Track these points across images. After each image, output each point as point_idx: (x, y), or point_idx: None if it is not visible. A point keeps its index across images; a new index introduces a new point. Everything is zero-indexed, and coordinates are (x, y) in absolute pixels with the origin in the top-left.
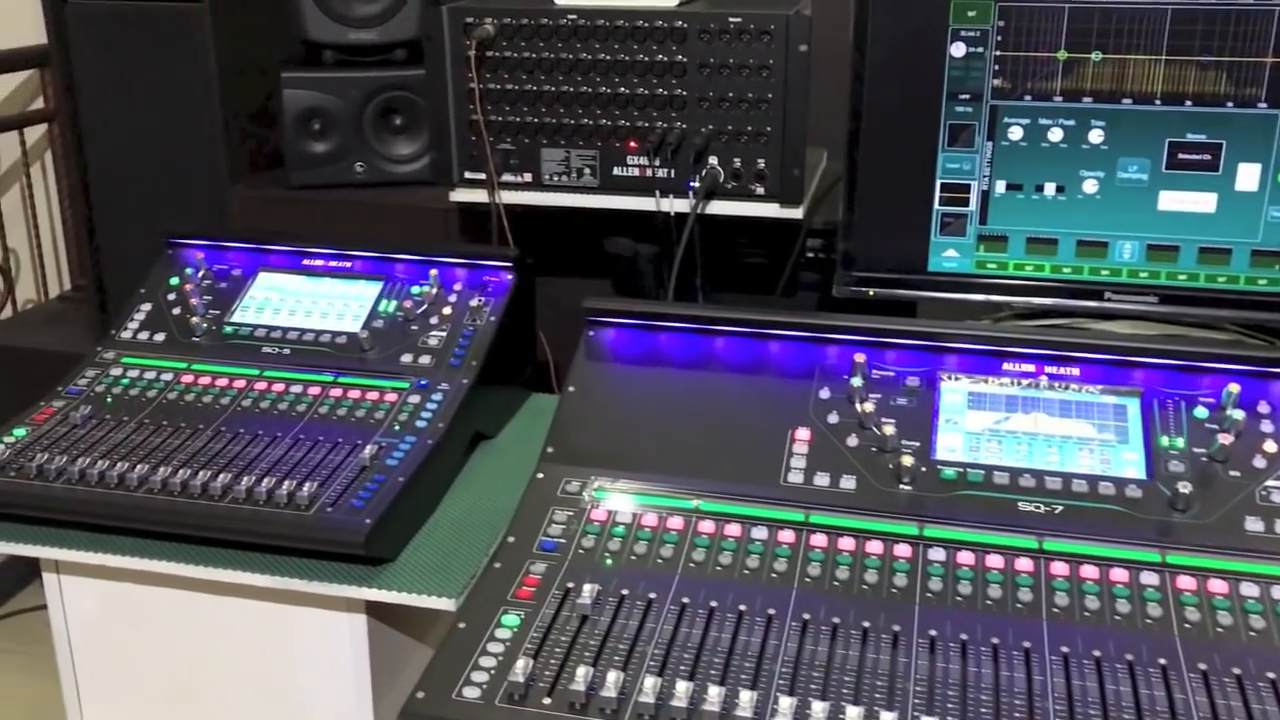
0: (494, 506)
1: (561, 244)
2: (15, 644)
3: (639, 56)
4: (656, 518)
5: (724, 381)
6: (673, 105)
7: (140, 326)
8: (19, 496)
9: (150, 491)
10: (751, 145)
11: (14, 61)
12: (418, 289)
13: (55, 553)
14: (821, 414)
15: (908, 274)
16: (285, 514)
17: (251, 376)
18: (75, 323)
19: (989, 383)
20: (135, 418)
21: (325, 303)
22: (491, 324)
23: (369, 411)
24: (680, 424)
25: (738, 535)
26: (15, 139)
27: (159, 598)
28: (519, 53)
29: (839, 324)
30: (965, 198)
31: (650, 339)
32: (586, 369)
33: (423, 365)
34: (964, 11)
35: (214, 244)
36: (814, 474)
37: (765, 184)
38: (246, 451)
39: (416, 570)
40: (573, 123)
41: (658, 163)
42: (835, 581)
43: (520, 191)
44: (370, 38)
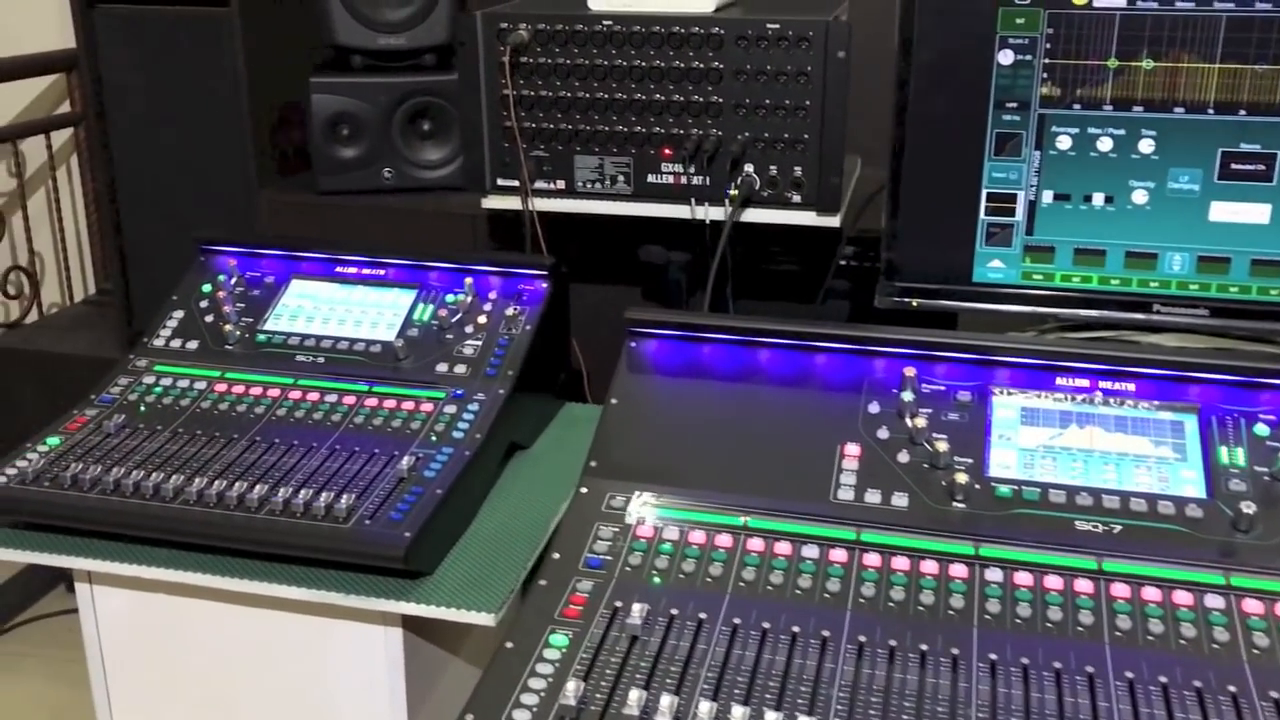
0: (531, 519)
1: (592, 251)
2: (38, 648)
3: (675, 63)
4: (704, 535)
5: (769, 395)
6: (708, 112)
7: (173, 334)
8: (53, 507)
9: (186, 503)
10: (788, 152)
11: (41, 66)
12: (452, 297)
13: (89, 564)
14: (871, 429)
15: (952, 284)
16: (323, 526)
17: (285, 385)
18: (101, 327)
19: (1042, 398)
20: (169, 427)
21: (359, 311)
22: (527, 333)
23: (405, 422)
24: (725, 438)
25: (788, 554)
26: (41, 142)
27: (191, 608)
28: (553, 59)
29: (887, 336)
30: (1011, 208)
31: (693, 350)
32: (629, 381)
33: (458, 375)
34: (1012, 19)
35: (247, 250)
36: (865, 491)
37: (802, 192)
38: (282, 462)
39: (454, 584)
40: (607, 129)
41: (692, 170)
42: (890, 602)
43: (553, 199)
44: (399, 43)
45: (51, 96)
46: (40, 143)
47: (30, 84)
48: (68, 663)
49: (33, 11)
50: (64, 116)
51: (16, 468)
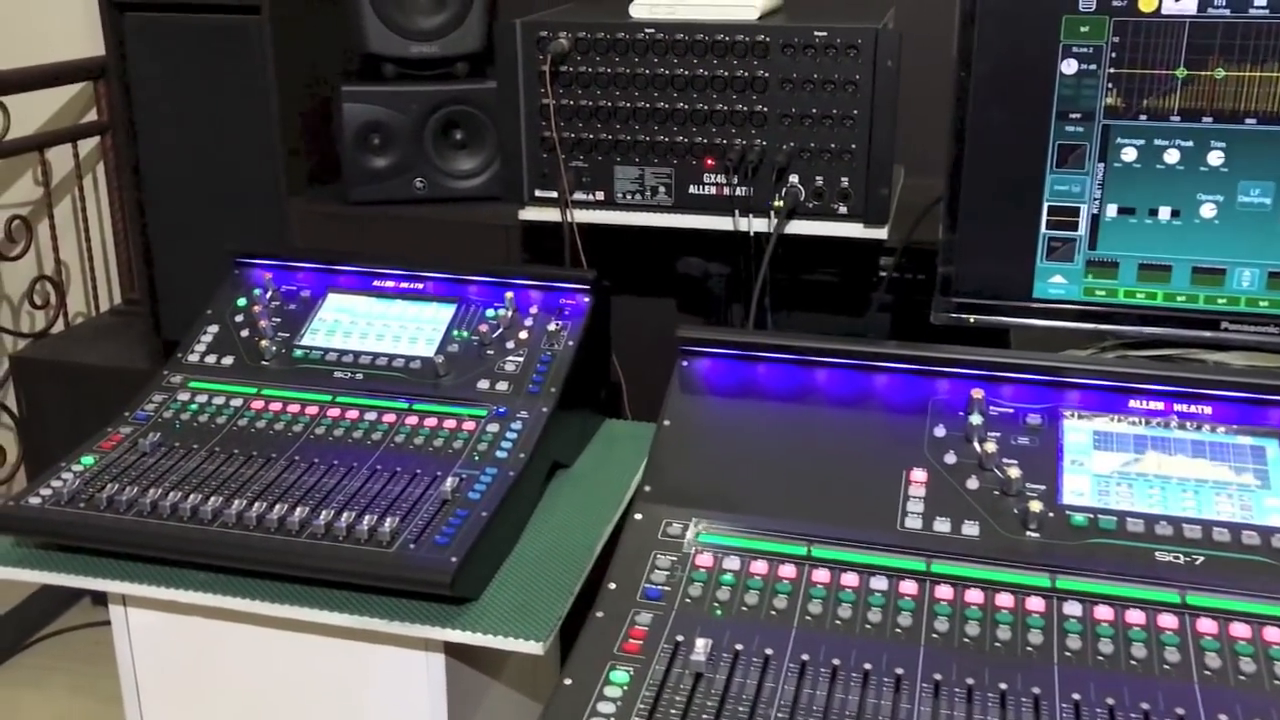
0: (575, 542)
1: (627, 262)
2: (63, 662)
3: (719, 71)
4: (766, 565)
5: (827, 416)
6: (753, 121)
7: (207, 349)
8: (89, 529)
9: (225, 525)
10: (835, 163)
11: (69, 73)
12: (492, 312)
13: (125, 587)
14: (937, 453)
15: (1011, 300)
16: (366, 550)
17: (324, 403)
18: (127, 338)
19: (1115, 421)
20: (205, 445)
21: (397, 326)
22: (570, 349)
23: (447, 441)
24: (784, 462)
25: (855, 585)
26: (68, 151)
27: (228, 632)
28: (594, 67)
29: (951, 356)
30: (1074, 221)
31: (747, 370)
32: (681, 401)
33: (500, 392)
34: (1076, 27)
35: (282, 263)
36: (933, 519)
37: (849, 203)
38: (322, 483)
39: (500, 610)
40: (648, 139)
41: (736, 181)
42: (966, 638)
43: (592, 210)
44: (432, 51)
45: (78, 104)
46: (66, 151)
47: (56, 92)
48: (93, 677)
49: (60, 19)
50: (91, 125)
51: (51, 488)
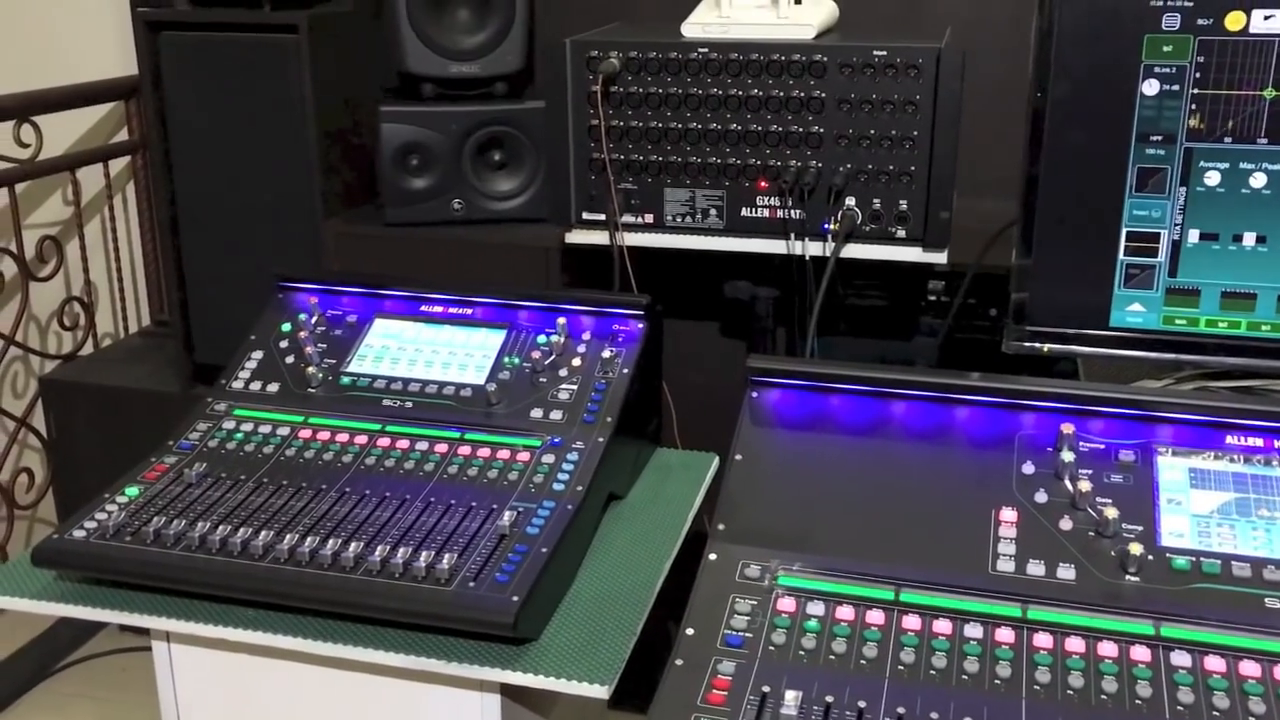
0: (635, 579)
1: (670, 284)
2: (90, 689)
3: (774, 91)
4: (853, 611)
5: (908, 451)
6: (808, 143)
7: (252, 376)
8: (134, 564)
9: (276, 561)
10: (894, 186)
11: (101, 93)
12: (544, 338)
13: (172, 624)
14: (1027, 492)
15: (1086, 329)
16: (424, 589)
17: (373, 432)
18: (158, 360)
19: (1211, 458)
20: (253, 476)
21: (446, 352)
22: (624, 376)
23: (501, 472)
24: (864, 499)
25: (948, 633)
26: (98, 170)
27: (275, 670)
28: (645, 88)
29: (1038, 389)
30: (1154, 248)
31: (820, 401)
32: (753, 435)
33: (554, 421)
34: (1159, 46)
35: (326, 288)
36: (1026, 561)
37: (907, 226)
38: (375, 516)
39: (561, 651)
40: (699, 161)
41: (790, 203)
42: (1069, 690)
43: (641, 233)
44: (471, 71)
45: (109, 124)
46: (96, 171)
47: (86, 111)
48: (120, 705)
49: (91, 39)
50: (122, 144)
51: (96, 521)
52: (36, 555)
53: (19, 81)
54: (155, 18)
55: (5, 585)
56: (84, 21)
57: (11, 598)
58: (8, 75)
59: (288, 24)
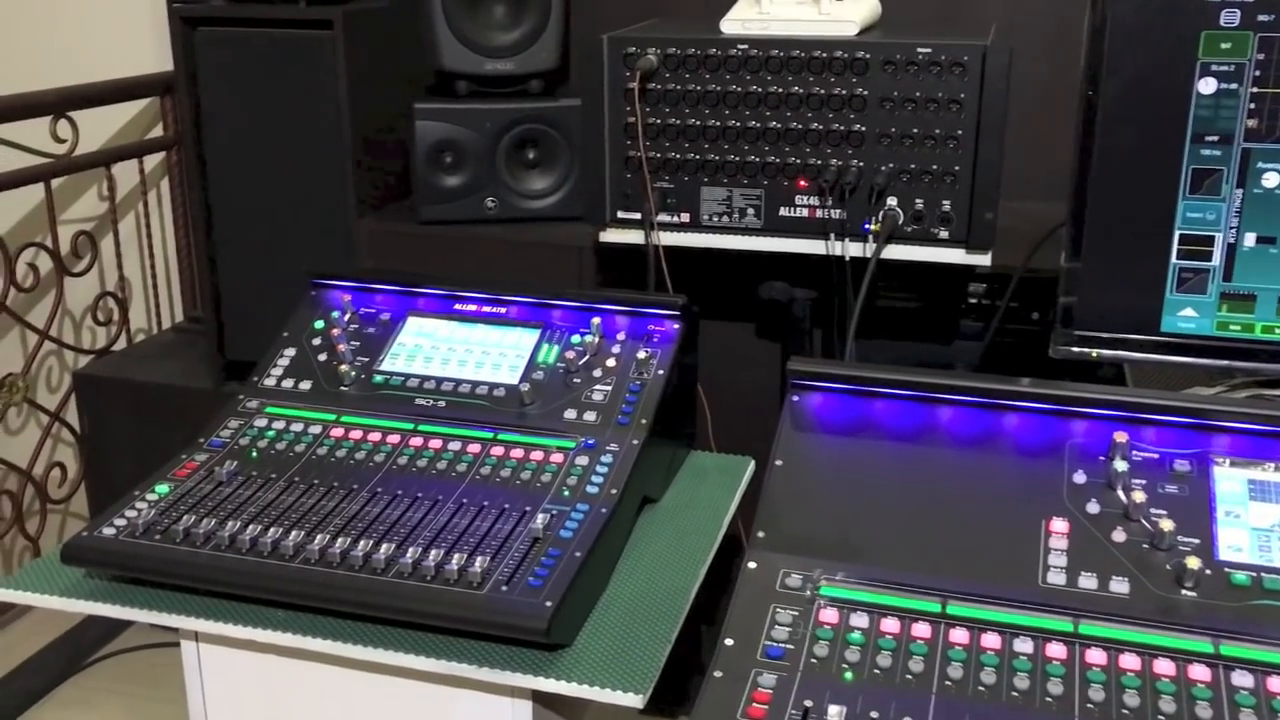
0: (670, 585)
1: (704, 284)
2: (118, 684)
3: (815, 89)
4: (898, 623)
5: (954, 458)
6: (850, 141)
7: (284, 373)
8: (164, 563)
9: (307, 562)
10: (937, 185)
11: (137, 89)
12: (578, 338)
13: (201, 624)
14: (1079, 502)
15: (1137, 334)
16: (455, 592)
17: (406, 431)
18: (190, 356)
19: (1272, 470)
20: (284, 475)
21: (480, 351)
22: (659, 378)
23: (534, 474)
24: (909, 508)
25: (998, 647)
26: (133, 166)
27: (304, 672)
28: (682, 85)
29: (1089, 396)
30: (1208, 251)
31: (863, 406)
32: (794, 439)
33: (588, 423)
34: (1216, 43)
35: (360, 285)
36: (1078, 574)
37: (950, 228)
38: (407, 517)
39: (594, 658)
40: (737, 159)
41: (830, 203)
42: (1125, 710)
43: (676, 233)
44: (507, 68)
45: (144, 120)
46: (131, 167)
47: (122, 107)
48: (150, 700)
49: (126, 34)
50: (157, 140)
51: (126, 518)
52: (66, 553)
53: (56, 77)
54: (191, 13)
55: (35, 583)
56: (120, 17)
57: (41, 595)
58: (45, 71)
59: (323, 20)
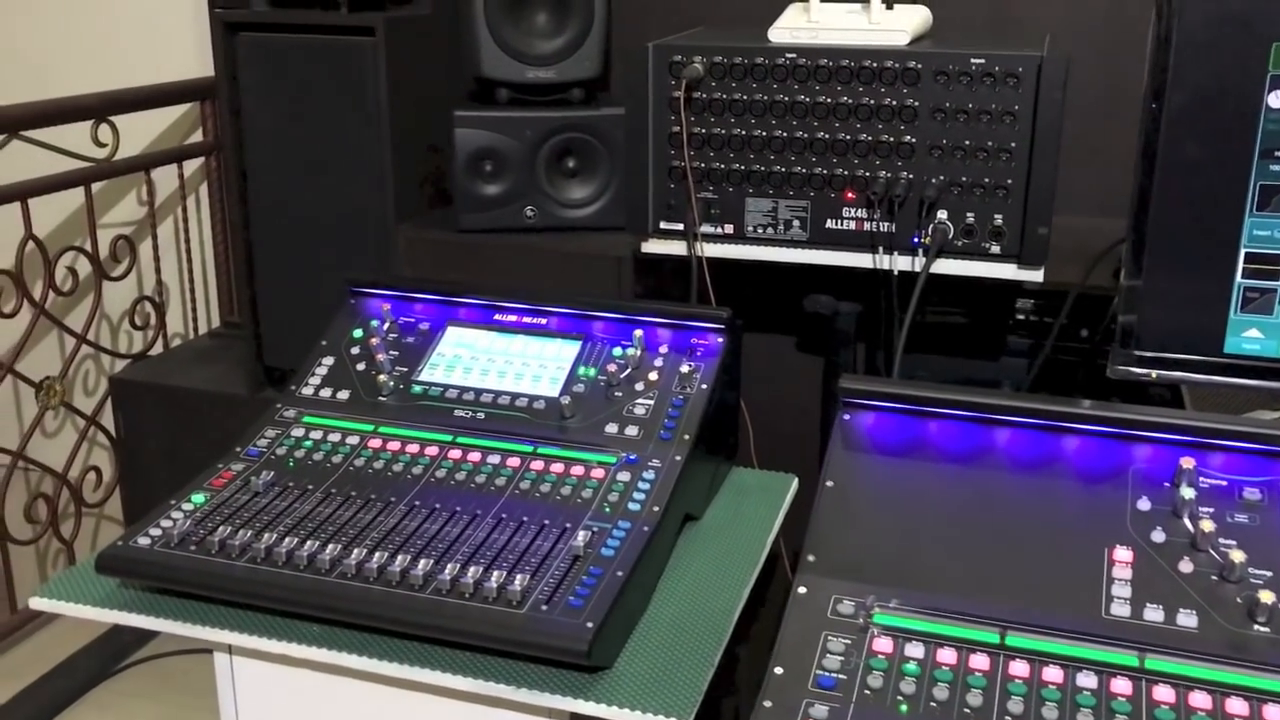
0: (712, 606)
1: (746, 296)
2: (152, 689)
3: (864, 99)
4: (955, 654)
5: (1012, 482)
6: (899, 153)
7: (322, 382)
8: (199, 575)
9: (344, 576)
10: (989, 199)
11: (177, 94)
12: (620, 351)
13: (235, 638)
14: (1143, 530)
15: (1199, 355)
16: (494, 610)
17: (444, 443)
18: (227, 361)
19: None
20: (321, 486)
21: (519, 363)
22: (703, 392)
23: (575, 489)
24: (965, 533)
25: (1060, 682)
26: (172, 171)
27: (339, 688)
28: (729, 94)
29: (1154, 420)
30: (1275, 270)
31: (917, 427)
32: (845, 460)
33: (630, 437)
34: None
35: (400, 294)
36: (1143, 606)
37: (1002, 242)
38: (445, 532)
39: (637, 680)
40: (784, 170)
41: (878, 215)
42: None
43: (720, 244)
44: (548, 76)
45: (184, 125)
46: (170, 171)
47: (163, 112)
48: (182, 707)
49: (167, 39)
50: (197, 145)
51: (161, 528)
52: (101, 562)
53: (98, 81)
54: (233, 19)
55: (69, 591)
56: (162, 22)
57: (75, 604)
58: (87, 75)
59: (365, 26)
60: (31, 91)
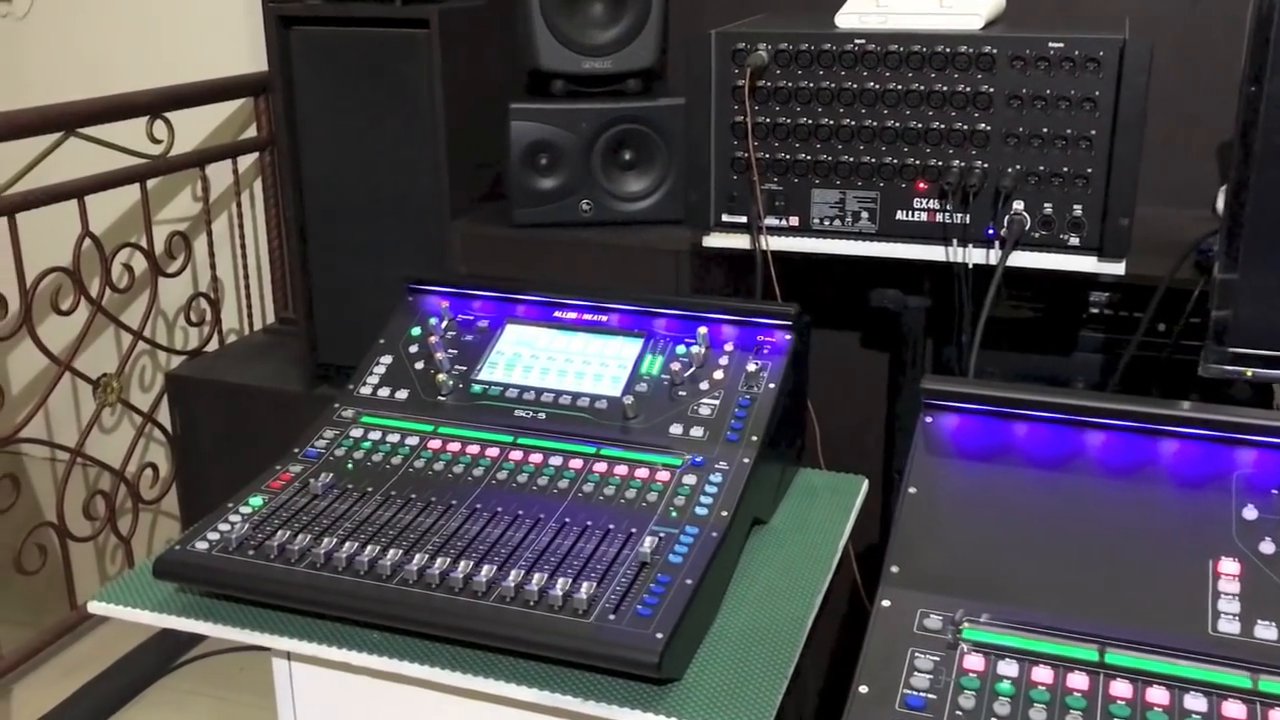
0: (784, 614)
1: (810, 291)
2: (208, 687)
3: (937, 86)
4: (1052, 673)
5: (1107, 489)
6: (974, 141)
7: (380, 382)
8: (257, 581)
9: (405, 583)
10: (1068, 189)
11: (232, 90)
12: (683, 349)
13: (295, 645)
14: (1250, 541)
15: None
16: (560, 620)
17: (505, 444)
18: (282, 358)
19: None
20: (380, 489)
21: (580, 361)
22: (770, 391)
23: (639, 493)
24: (1058, 543)
25: (1166, 704)
26: (226, 167)
27: (400, 696)
28: (794, 82)
29: (1259, 423)
30: None
31: (1004, 430)
32: (928, 465)
33: (695, 439)
34: None
35: (458, 291)
36: (1253, 622)
37: (1081, 234)
38: (508, 537)
39: (707, 693)
40: (852, 160)
41: (951, 207)
42: None
43: (785, 236)
44: (604, 67)
45: (239, 120)
46: (224, 167)
47: (216, 108)
48: (238, 705)
49: (221, 35)
50: (251, 141)
51: (219, 532)
52: (159, 567)
53: (153, 78)
54: (287, 13)
55: (127, 596)
56: (216, 17)
57: (133, 609)
58: (141, 71)
59: (419, 19)
60: (86, 89)
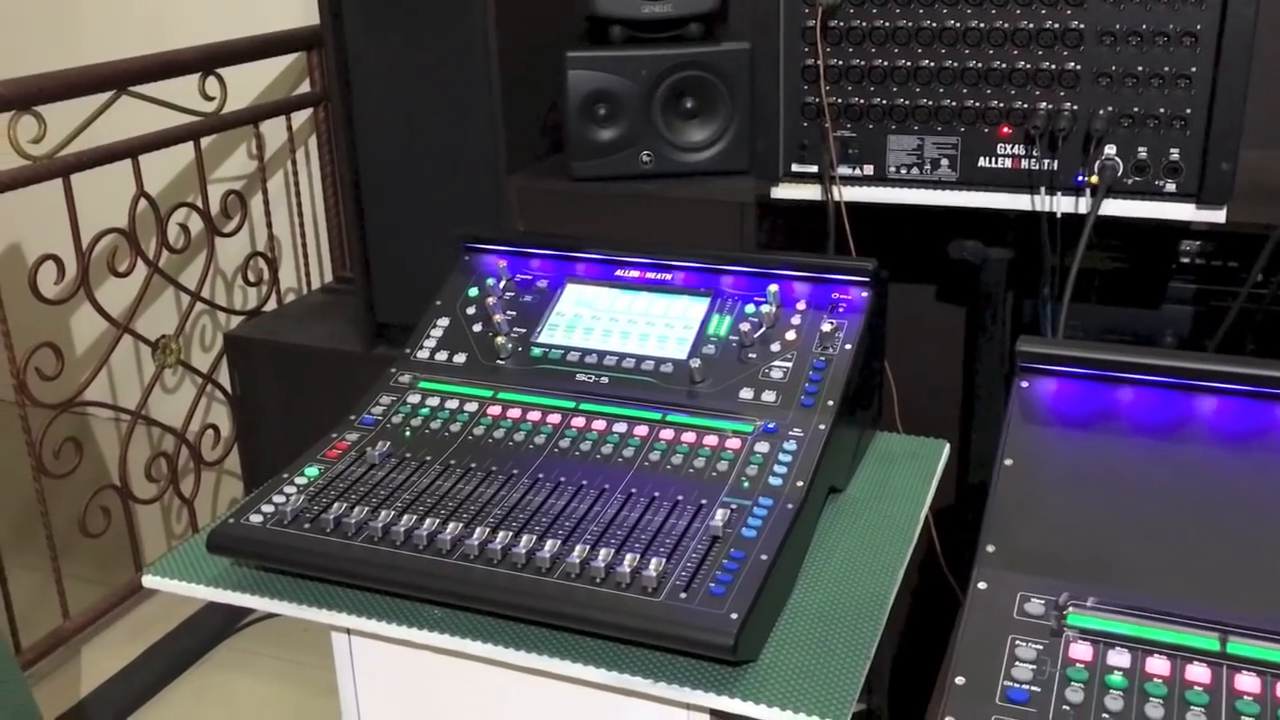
0: (864, 590)
1: (884, 243)
2: (271, 648)
3: (1022, 23)
4: (1168, 663)
5: (1222, 459)
6: (1062, 82)
7: (438, 345)
8: (313, 555)
9: (466, 558)
10: (1164, 131)
11: (283, 44)
12: (753, 308)
13: (353, 621)
14: None
15: None
16: (629, 598)
17: (567, 410)
18: (339, 318)
19: None
20: (439, 458)
21: (644, 322)
22: (847, 353)
23: (709, 462)
24: (1169, 520)
25: None
26: (281, 124)
27: (463, 673)
28: (869, 21)
29: None
30: None
31: (1106, 395)
32: (1024, 434)
33: (767, 404)
34: None
35: (516, 249)
36: None
37: (1179, 179)
38: (572, 509)
39: (784, 675)
40: (930, 104)
41: (1038, 152)
42: None
43: (859, 186)
44: (664, 11)
45: (291, 76)
46: (279, 123)
47: (269, 64)
48: (303, 666)
49: None
50: (305, 96)
51: (274, 504)
52: (212, 541)
53: (204, 33)
54: None
55: (182, 570)
56: None
57: (188, 583)
58: (192, 28)
59: None
60: (138, 47)
